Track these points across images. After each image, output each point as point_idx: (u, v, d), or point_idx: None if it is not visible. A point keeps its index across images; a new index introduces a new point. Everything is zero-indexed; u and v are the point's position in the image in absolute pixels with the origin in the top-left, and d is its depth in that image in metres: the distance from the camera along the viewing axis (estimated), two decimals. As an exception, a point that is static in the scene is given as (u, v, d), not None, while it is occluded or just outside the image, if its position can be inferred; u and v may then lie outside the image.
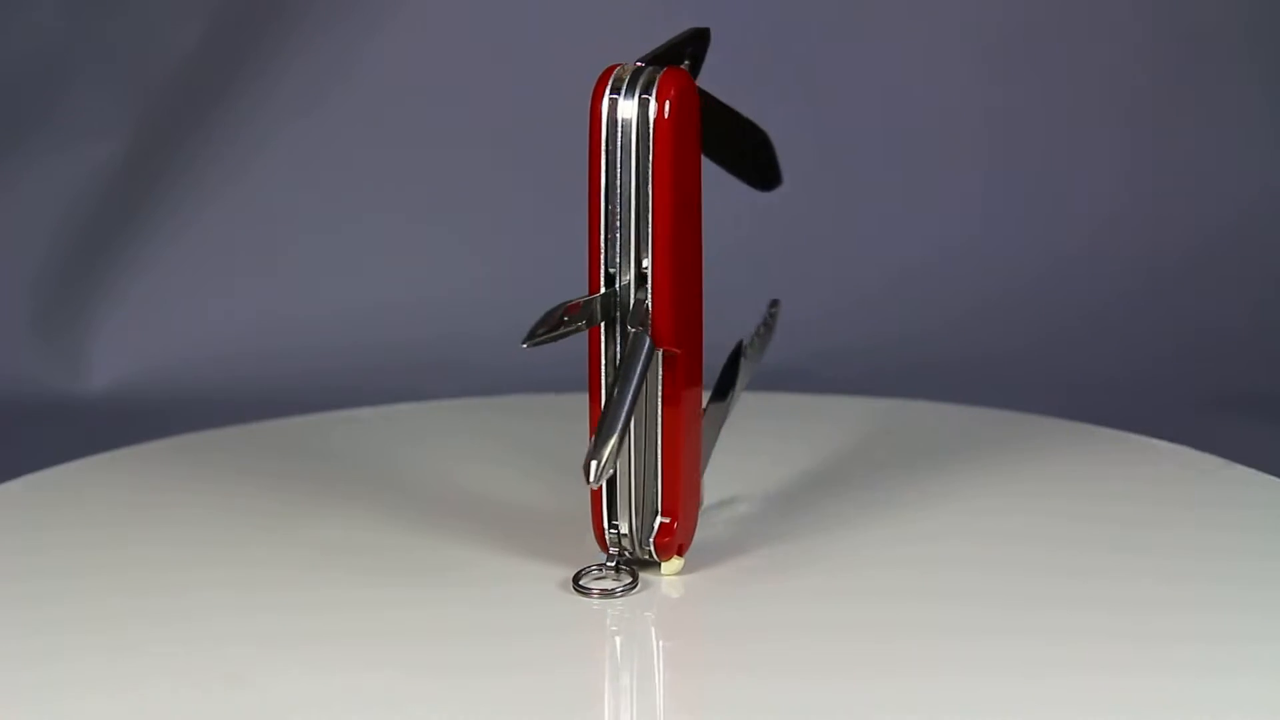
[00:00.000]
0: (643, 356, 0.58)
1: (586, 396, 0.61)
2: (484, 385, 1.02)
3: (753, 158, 0.68)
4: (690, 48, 0.62)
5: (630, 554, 0.61)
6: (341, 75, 1.31)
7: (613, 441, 0.56)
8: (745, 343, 0.67)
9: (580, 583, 0.60)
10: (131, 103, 1.28)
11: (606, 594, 0.60)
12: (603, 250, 0.59)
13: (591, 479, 0.55)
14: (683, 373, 0.59)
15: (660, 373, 0.59)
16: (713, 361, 0.63)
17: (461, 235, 1.33)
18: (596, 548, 0.62)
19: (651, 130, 0.58)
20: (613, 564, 0.61)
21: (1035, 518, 0.69)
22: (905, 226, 1.33)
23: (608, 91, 0.59)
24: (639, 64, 0.59)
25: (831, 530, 0.67)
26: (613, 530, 0.61)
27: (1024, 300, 1.32)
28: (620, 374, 0.58)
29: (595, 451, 0.56)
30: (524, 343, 0.57)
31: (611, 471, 0.58)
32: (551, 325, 0.57)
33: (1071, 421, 0.84)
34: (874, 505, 0.70)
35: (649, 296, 0.59)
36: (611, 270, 0.59)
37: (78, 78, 1.27)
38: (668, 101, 0.58)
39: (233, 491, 0.73)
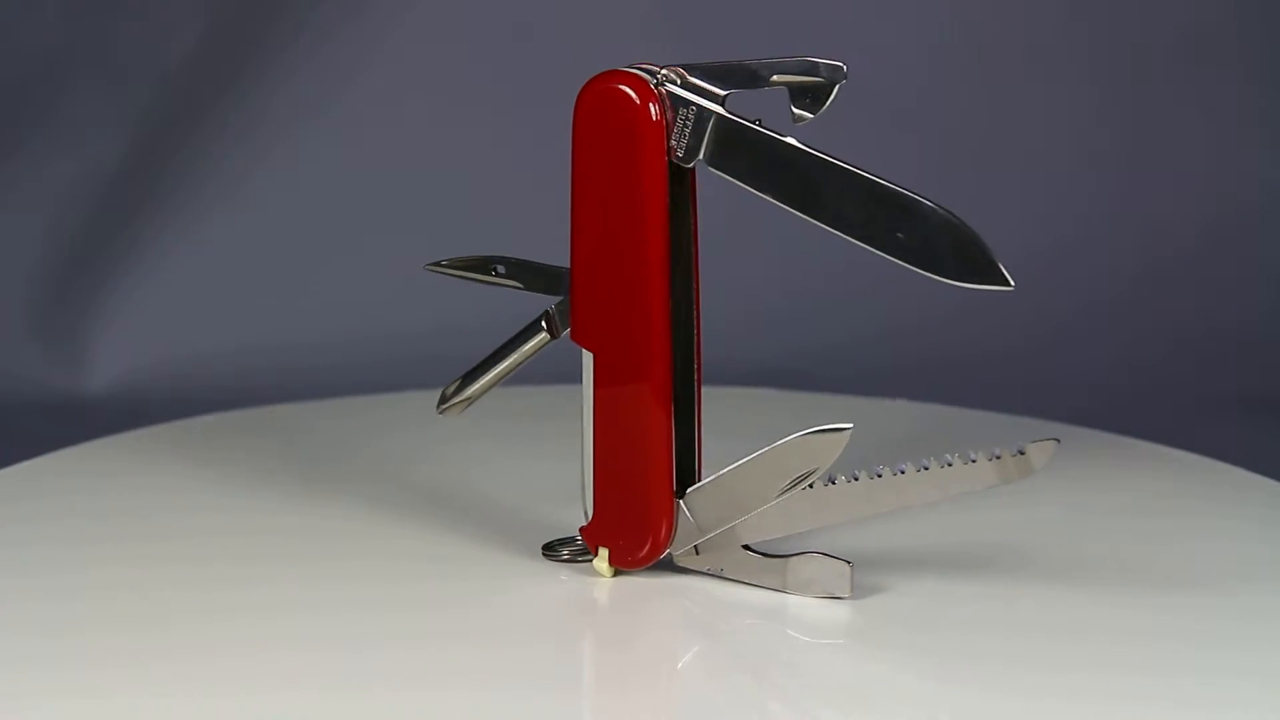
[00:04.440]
0: (529, 333, 0.63)
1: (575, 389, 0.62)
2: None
3: (905, 239, 0.60)
4: (780, 74, 0.61)
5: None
6: (341, 77, 1.32)
7: (468, 384, 0.63)
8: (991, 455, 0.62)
9: (550, 549, 0.64)
10: (131, 103, 1.29)
11: (574, 555, 0.63)
12: None
13: (437, 402, 0.64)
14: (601, 374, 0.60)
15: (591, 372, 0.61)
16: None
17: (463, 236, 1.33)
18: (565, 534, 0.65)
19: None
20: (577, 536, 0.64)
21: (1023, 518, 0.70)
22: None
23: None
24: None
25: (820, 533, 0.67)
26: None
27: (1018, 299, 1.32)
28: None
29: (448, 386, 0.64)
30: (428, 266, 0.64)
31: (462, 408, 0.64)
32: (469, 265, 0.64)
33: (1067, 425, 0.84)
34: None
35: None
36: None
37: (78, 78, 1.28)
38: (582, 97, 0.59)
39: (207, 477, 0.75)
